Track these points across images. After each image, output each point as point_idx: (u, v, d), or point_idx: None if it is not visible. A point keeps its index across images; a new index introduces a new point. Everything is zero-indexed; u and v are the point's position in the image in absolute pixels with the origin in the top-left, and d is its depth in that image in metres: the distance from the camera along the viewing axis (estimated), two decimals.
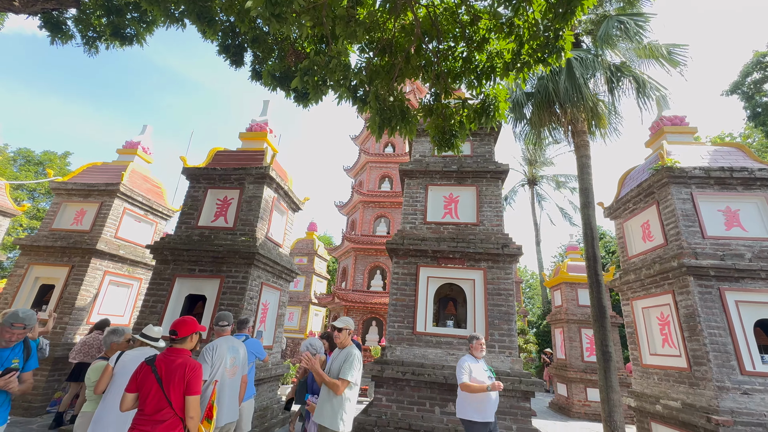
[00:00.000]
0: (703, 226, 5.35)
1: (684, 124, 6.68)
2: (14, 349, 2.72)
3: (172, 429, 2.36)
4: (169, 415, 2.36)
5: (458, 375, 4.13)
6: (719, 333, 4.77)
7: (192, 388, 2.42)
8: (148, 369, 2.43)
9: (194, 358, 3.20)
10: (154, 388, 2.37)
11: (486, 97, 3.35)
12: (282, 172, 7.60)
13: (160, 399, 2.36)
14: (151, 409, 2.36)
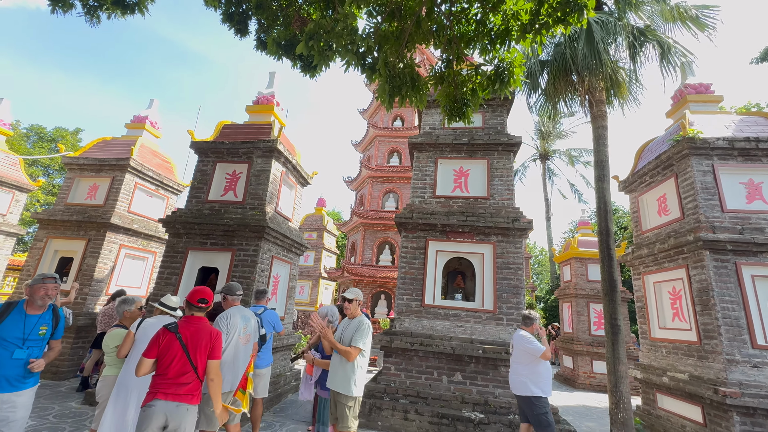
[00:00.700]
0: (723, 200, 5.18)
1: (709, 92, 6.34)
2: (43, 316, 2.81)
3: (194, 391, 2.52)
4: (191, 378, 2.50)
5: (535, 347, 3.96)
6: (732, 307, 4.72)
7: (215, 353, 2.59)
8: (171, 336, 2.52)
9: None
10: (178, 354, 2.49)
11: (500, 63, 3.19)
12: (290, 146, 7.53)
13: (184, 364, 2.48)
14: (175, 373, 2.47)
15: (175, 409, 2.42)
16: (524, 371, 4.01)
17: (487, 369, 5.43)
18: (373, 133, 18.51)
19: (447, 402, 5.27)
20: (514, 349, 4.23)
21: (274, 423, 5.16)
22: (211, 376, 2.56)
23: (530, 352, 3.98)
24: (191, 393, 2.50)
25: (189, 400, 2.48)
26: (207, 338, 2.58)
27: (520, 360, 4.09)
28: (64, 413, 4.87)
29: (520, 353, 4.09)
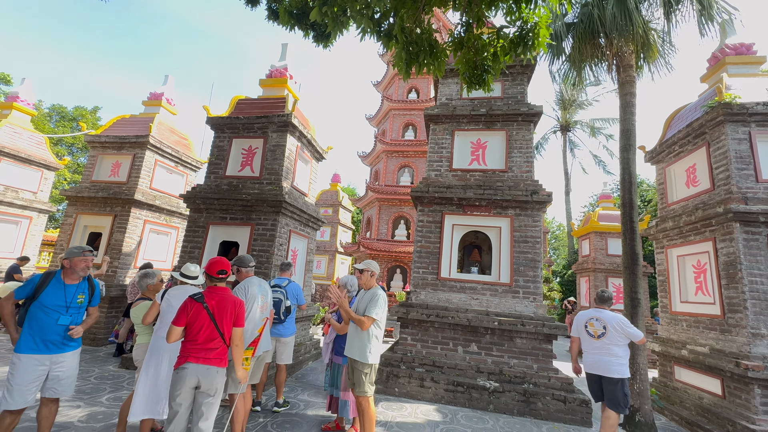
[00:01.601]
0: (759, 169, 4.90)
1: (750, 53, 5.87)
2: (80, 286, 3.01)
3: (222, 355, 2.69)
4: (219, 344, 2.68)
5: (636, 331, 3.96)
6: (761, 281, 4.57)
7: (239, 321, 2.75)
8: (199, 305, 2.67)
9: None
10: (206, 322, 2.64)
11: (524, 24, 3.00)
12: (304, 121, 7.47)
13: (212, 331, 2.64)
14: (204, 339, 2.63)
15: (206, 371, 2.59)
16: (623, 353, 3.97)
17: (502, 340, 5.51)
18: (387, 107, 18.13)
19: (462, 371, 5.40)
20: (609, 331, 4.03)
21: (297, 387, 5.43)
22: (236, 342, 2.72)
23: (633, 336, 3.97)
24: (220, 357, 2.67)
25: (218, 363, 2.65)
26: (232, 307, 2.72)
27: (617, 342, 3.99)
28: (104, 375, 5.24)
29: (619, 336, 3.99)
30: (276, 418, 4.21)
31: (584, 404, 4.88)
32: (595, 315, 4.19)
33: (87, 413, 3.90)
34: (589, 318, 4.21)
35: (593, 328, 4.16)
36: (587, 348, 4.19)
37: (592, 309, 4.28)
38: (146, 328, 3.40)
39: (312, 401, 4.88)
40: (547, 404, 4.95)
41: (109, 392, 4.58)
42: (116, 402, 4.26)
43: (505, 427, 4.55)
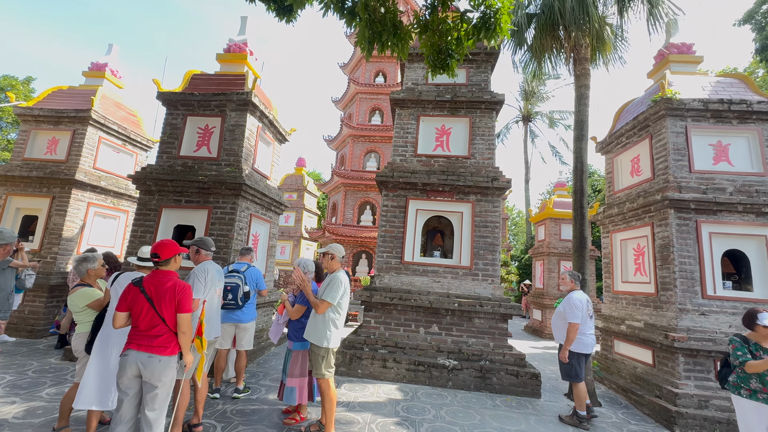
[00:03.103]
0: (692, 161, 5.37)
1: (690, 53, 6.33)
2: None
3: (167, 342, 2.53)
4: (163, 331, 2.52)
5: None
6: (689, 262, 5.06)
7: (183, 307, 2.55)
8: (136, 290, 2.52)
9: (185, 279, 3.29)
10: (145, 308, 2.49)
11: (487, 9, 3.03)
12: (266, 100, 7.15)
13: (153, 317, 2.49)
14: (146, 325, 2.50)
15: (147, 359, 2.45)
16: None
17: (462, 321, 5.73)
18: (354, 90, 17.80)
19: (423, 351, 5.58)
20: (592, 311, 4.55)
21: (258, 373, 5.36)
22: (182, 329, 2.56)
23: None
24: (164, 345, 2.51)
25: (161, 352, 2.49)
26: (171, 291, 2.53)
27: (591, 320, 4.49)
28: (44, 369, 4.87)
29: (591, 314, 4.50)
30: (236, 405, 4.14)
31: (534, 377, 5.24)
32: (586, 297, 4.56)
33: (24, 409, 3.61)
34: (587, 300, 4.54)
35: (589, 310, 4.54)
36: (588, 330, 4.49)
37: (579, 292, 4.59)
38: (85, 315, 3.18)
39: (273, 386, 4.84)
40: (502, 379, 5.26)
41: (50, 386, 4.27)
42: (57, 396, 3.98)
43: (462, 401, 4.78)
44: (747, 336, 3.24)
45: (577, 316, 4.35)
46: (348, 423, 3.89)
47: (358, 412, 4.19)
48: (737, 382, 3.17)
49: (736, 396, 3.18)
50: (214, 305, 3.42)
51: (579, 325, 4.36)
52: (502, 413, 4.49)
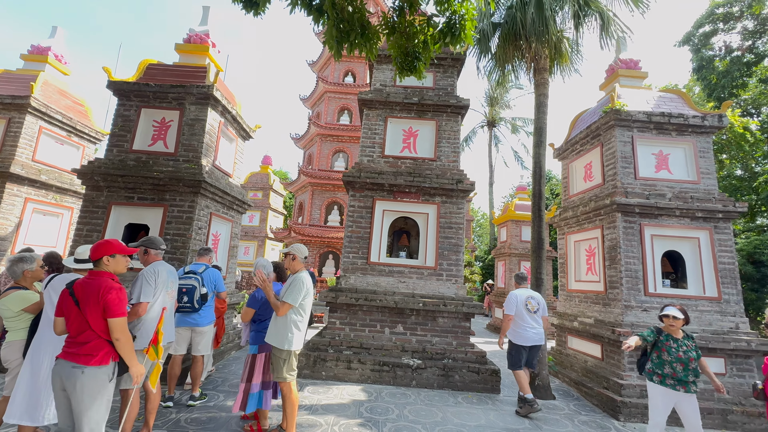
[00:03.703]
0: (637, 168, 5.80)
1: (637, 68, 6.85)
2: None
3: (95, 350, 2.26)
4: (91, 337, 2.27)
5: None
6: (633, 262, 5.47)
7: (111, 311, 2.27)
8: (66, 292, 2.33)
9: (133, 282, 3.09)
10: (74, 312, 2.28)
11: (453, 15, 3.11)
12: (229, 95, 6.89)
13: (80, 322, 2.27)
14: (74, 331, 2.28)
15: (70, 370, 2.20)
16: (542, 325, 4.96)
17: (426, 320, 5.82)
18: (322, 88, 17.59)
19: (388, 351, 5.61)
20: (540, 307, 5.00)
21: (216, 379, 5.14)
22: (115, 335, 2.28)
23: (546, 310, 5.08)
24: (91, 353, 2.24)
25: (87, 361, 2.22)
26: (95, 295, 2.27)
27: (542, 315, 4.99)
28: None
29: (543, 310, 5.02)
30: (191, 413, 3.94)
31: (494, 374, 5.43)
32: (530, 294, 5.05)
33: None
34: (528, 297, 5.01)
35: (531, 305, 4.97)
36: (525, 323, 4.91)
37: (523, 289, 5.10)
38: (20, 321, 2.90)
39: (233, 392, 4.66)
40: (464, 376, 5.40)
41: None
42: None
43: (425, 400, 4.85)
44: (662, 328, 3.62)
45: (510, 309, 4.93)
46: (310, 426, 3.83)
47: (321, 415, 4.13)
48: (651, 368, 3.52)
49: (649, 382, 3.54)
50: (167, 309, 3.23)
51: (512, 316, 4.93)
52: (464, 410, 4.61)
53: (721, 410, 4.74)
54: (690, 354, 3.37)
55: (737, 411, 4.73)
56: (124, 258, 2.53)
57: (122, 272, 2.55)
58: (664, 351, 3.44)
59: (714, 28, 16.33)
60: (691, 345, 3.44)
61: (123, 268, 2.54)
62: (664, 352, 3.44)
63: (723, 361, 5.08)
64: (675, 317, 3.45)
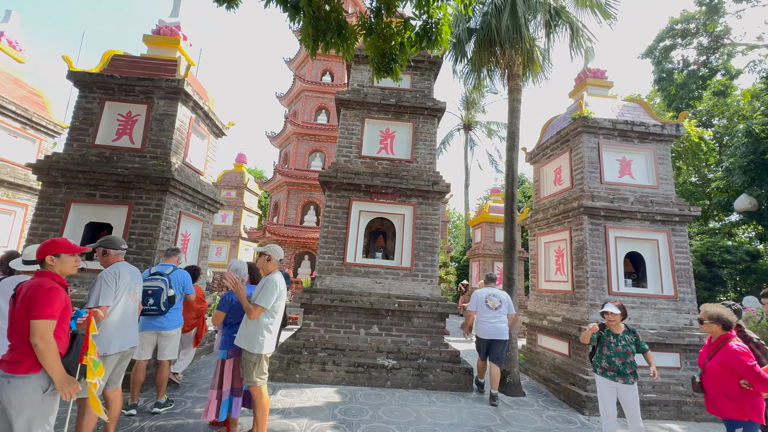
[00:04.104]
0: (603, 173, 6.08)
1: (603, 78, 7.19)
2: None
3: (24, 357, 2.04)
4: (19, 343, 2.07)
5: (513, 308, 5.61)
6: (599, 262, 5.72)
7: (34, 311, 2.03)
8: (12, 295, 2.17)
9: (92, 284, 2.92)
10: (10, 316, 2.12)
11: (429, 19, 3.14)
12: (201, 90, 6.67)
13: (14, 325, 2.10)
14: (9, 334, 2.11)
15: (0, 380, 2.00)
16: (505, 321, 5.37)
17: (401, 321, 5.85)
18: (299, 87, 17.36)
19: (363, 352, 5.60)
20: (502, 304, 5.40)
21: (184, 385, 4.95)
22: (33, 339, 2.00)
23: (512, 311, 5.49)
24: (18, 360, 2.03)
25: (13, 369, 2.01)
26: (25, 294, 2.07)
27: (505, 312, 5.40)
28: None
29: (507, 308, 5.43)
30: (156, 421, 3.77)
31: (467, 372, 5.53)
32: (492, 292, 5.49)
33: None
34: (488, 295, 5.45)
35: (492, 302, 5.39)
36: (485, 318, 5.35)
37: (487, 288, 5.50)
38: None
39: (202, 397, 4.51)
40: (438, 376, 5.47)
41: None
42: None
43: (399, 400, 4.88)
44: (605, 324, 3.91)
45: (471, 306, 5.50)
46: (283, 431, 3.75)
47: (293, 419, 4.06)
48: (595, 362, 3.81)
49: (594, 373, 3.87)
50: (130, 312, 3.08)
51: (473, 312, 5.49)
52: (437, 408, 4.66)
53: (675, 402, 5.04)
54: (628, 348, 3.65)
55: (690, 402, 5.05)
56: (72, 257, 2.33)
57: (70, 273, 2.35)
58: (605, 346, 3.74)
59: (673, 42, 17.40)
60: (630, 339, 3.72)
61: (70, 268, 2.34)
62: (605, 347, 3.73)
63: (678, 356, 5.41)
64: (612, 313, 3.72)
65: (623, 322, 3.85)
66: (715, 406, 2.88)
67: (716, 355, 2.87)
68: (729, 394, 2.79)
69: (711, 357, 2.92)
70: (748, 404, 2.73)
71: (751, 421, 2.72)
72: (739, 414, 2.74)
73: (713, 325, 2.93)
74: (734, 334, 2.93)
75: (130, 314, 3.09)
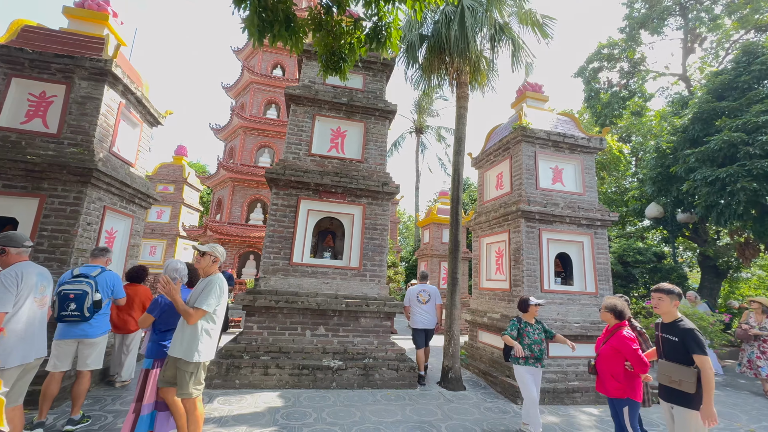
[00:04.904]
0: (538, 180, 6.58)
1: (540, 92, 7.78)
2: None
3: None
4: None
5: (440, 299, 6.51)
6: (533, 262, 6.18)
7: None
8: None
9: None
10: None
11: (379, 21, 3.17)
12: (133, 73, 6.08)
13: None
14: None
15: None
16: (434, 312, 6.27)
17: (348, 321, 5.83)
18: (248, 78, 16.58)
19: (309, 354, 5.49)
20: (431, 298, 6.28)
21: (105, 398, 4.47)
22: None
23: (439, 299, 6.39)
24: None
25: None
26: None
27: (434, 304, 6.29)
28: None
29: (437, 301, 6.32)
30: None
31: (412, 370, 5.66)
32: (423, 288, 6.34)
33: None
34: (419, 291, 6.31)
35: (422, 297, 6.27)
36: (417, 311, 6.23)
37: (419, 284, 6.44)
38: None
39: (125, 411, 4.11)
40: (383, 374, 5.53)
41: None
42: None
43: (345, 401, 4.85)
44: (521, 317, 4.36)
45: (406, 301, 6.37)
46: None
47: (231, 427, 3.86)
48: (515, 353, 4.16)
49: (515, 365, 4.21)
50: (37, 319, 2.70)
51: (408, 307, 6.30)
52: (382, 407, 4.71)
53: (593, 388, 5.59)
54: (541, 335, 4.21)
55: None
56: None
57: None
58: (525, 336, 4.18)
59: (601, 65, 19.36)
60: (539, 328, 4.27)
61: None
62: (525, 337, 4.17)
63: None
64: (539, 304, 4.28)
65: None
66: (603, 386, 3.30)
67: (609, 340, 3.28)
68: (615, 374, 3.20)
69: (605, 342, 3.32)
70: (629, 384, 3.16)
71: (630, 399, 3.15)
72: (621, 392, 3.16)
73: (608, 314, 3.35)
74: (627, 323, 3.34)
75: (36, 321, 2.72)
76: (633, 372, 3.12)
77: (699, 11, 16.89)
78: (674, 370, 2.85)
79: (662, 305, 3.04)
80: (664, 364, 2.97)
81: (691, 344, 2.76)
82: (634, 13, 18.32)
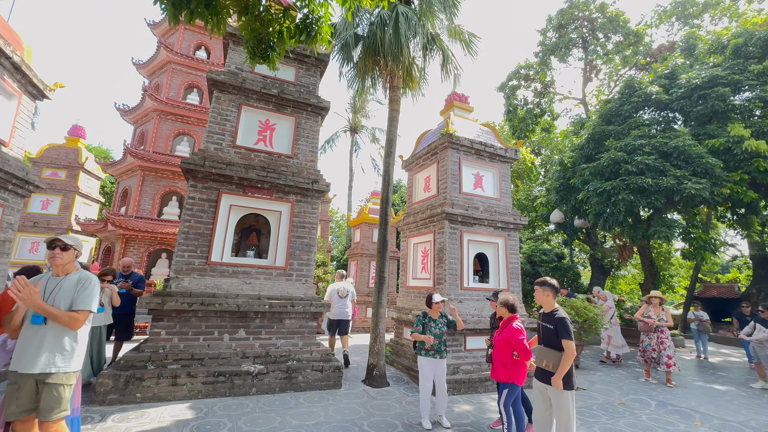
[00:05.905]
0: (461, 185, 7.03)
1: (466, 102, 8.33)
2: None
3: None
4: None
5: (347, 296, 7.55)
6: (455, 262, 6.58)
7: None
8: None
9: None
10: None
11: (310, 14, 3.08)
12: (10, 35, 5.06)
13: None
14: None
15: None
16: (350, 305, 7.36)
17: (272, 323, 5.58)
18: (165, 57, 14.91)
19: (226, 359, 5.12)
20: (348, 293, 7.37)
21: None
22: None
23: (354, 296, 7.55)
24: None
25: None
26: None
27: (349, 300, 7.40)
28: None
29: (352, 296, 7.50)
30: None
31: (337, 370, 5.62)
32: (342, 285, 7.45)
33: None
34: (339, 287, 7.40)
35: (341, 292, 7.32)
36: (336, 305, 7.17)
37: (340, 282, 7.56)
38: None
39: None
40: (307, 376, 5.40)
41: None
42: None
43: (264, 407, 4.63)
44: (427, 312, 4.65)
45: (327, 296, 7.35)
46: None
47: None
48: (419, 345, 4.54)
49: (419, 355, 4.51)
50: None
51: (330, 301, 6.95)
52: (304, 410, 4.60)
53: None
54: (443, 329, 4.50)
55: None
56: None
57: None
58: (428, 330, 4.46)
59: (519, 83, 21.44)
60: (443, 323, 4.54)
61: None
62: (428, 331, 4.46)
63: None
64: (442, 301, 4.54)
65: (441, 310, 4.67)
66: (495, 372, 3.76)
67: (503, 332, 3.69)
68: (504, 362, 3.66)
69: (500, 334, 3.71)
70: (514, 370, 3.63)
71: (513, 383, 3.64)
72: (506, 377, 3.64)
73: (503, 309, 3.80)
74: (518, 316, 3.77)
75: None
76: (519, 360, 3.56)
77: (596, 45, 19.69)
78: (549, 354, 3.30)
79: (537, 296, 3.51)
80: (542, 349, 3.42)
81: (561, 330, 3.21)
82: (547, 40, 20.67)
